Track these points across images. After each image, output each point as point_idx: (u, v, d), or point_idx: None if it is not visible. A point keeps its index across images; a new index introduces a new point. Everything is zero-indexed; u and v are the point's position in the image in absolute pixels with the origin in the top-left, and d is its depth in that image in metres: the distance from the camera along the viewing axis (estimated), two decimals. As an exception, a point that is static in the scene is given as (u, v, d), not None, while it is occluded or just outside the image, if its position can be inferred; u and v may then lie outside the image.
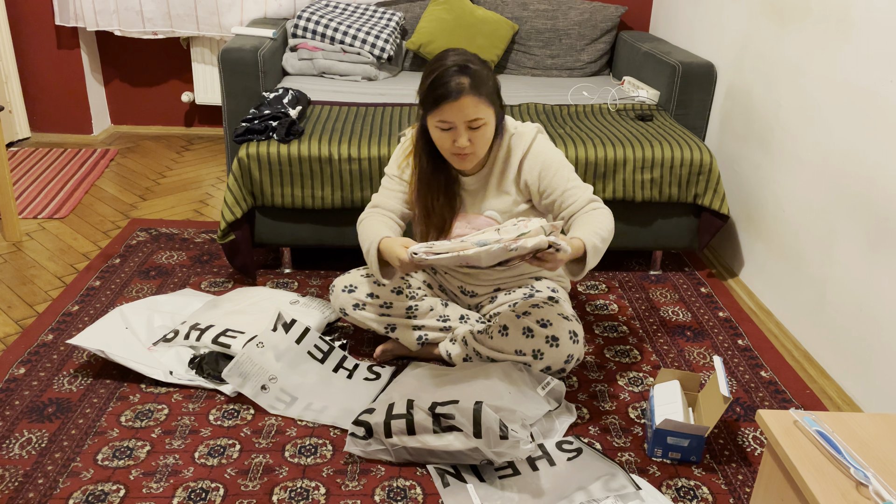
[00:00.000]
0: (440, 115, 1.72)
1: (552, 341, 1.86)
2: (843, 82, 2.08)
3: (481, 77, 1.72)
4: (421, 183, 1.89)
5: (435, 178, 1.88)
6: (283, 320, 2.01)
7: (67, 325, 2.24)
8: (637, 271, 2.74)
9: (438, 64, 1.73)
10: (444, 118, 1.72)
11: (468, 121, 1.72)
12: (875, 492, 1.13)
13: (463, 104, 1.69)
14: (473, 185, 1.93)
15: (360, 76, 3.29)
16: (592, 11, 3.54)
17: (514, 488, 1.64)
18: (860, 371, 1.98)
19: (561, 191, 1.84)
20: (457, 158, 1.80)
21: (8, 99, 3.74)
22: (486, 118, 1.74)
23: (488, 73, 1.75)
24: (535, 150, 1.88)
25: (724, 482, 1.72)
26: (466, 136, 1.74)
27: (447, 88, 1.68)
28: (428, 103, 1.73)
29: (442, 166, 1.88)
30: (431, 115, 1.74)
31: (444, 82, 1.69)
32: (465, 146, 1.75)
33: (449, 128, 1.74)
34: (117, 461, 1.71)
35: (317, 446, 1.78)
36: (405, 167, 1.94)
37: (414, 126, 1.93)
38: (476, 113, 1.71)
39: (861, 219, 1.99)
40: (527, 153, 1.88)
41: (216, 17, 3.64)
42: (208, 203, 3.25)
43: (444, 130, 1.75)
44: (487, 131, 1.77)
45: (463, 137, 1.74)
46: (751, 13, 2.64)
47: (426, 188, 1.89)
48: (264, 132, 2.43)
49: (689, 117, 2.97)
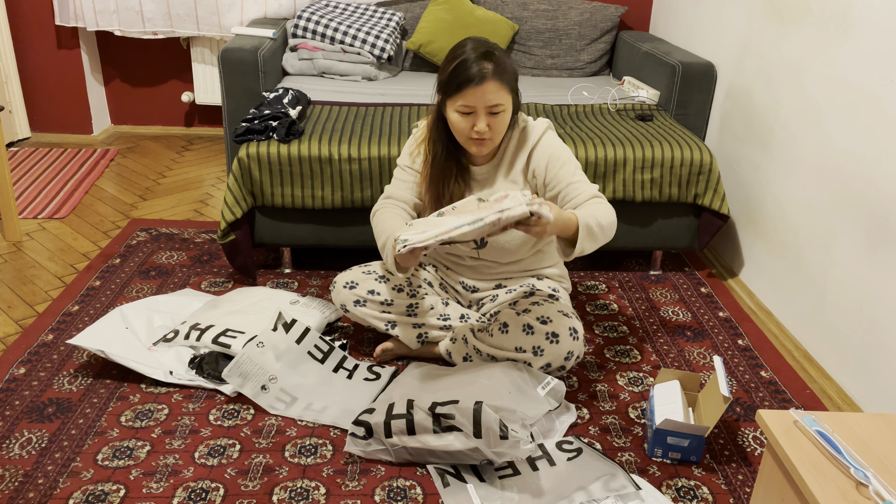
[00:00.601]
0: (462, 100, 1.77)
1: (552, 338, 1.86)
2: (843, 82, 2.08)
3: (504, 64, 1.78)
4: (434, 170, 1.93)
5: (448, 165, 1.92)
6: (283, 320, 2.02)
7: (67, 325, 2.24)
8: (637, 271, 2.74)
9: (461, 50, 1.79)
10: (467, 102, 1.77)
11: (489, 106, 1.77)
12: (875, 492, 1.13)
13: (486, 89, 1.75)
14: (483, 174, 1.96)
15: (360, 76, 3.29)
16: (592, 11, 3.54)
17: (514, 488, 1.64)
18: (860, 371, 1.98)
19: (566, 184, 1.86)
20: (474, 144, 1.83)
21: (8, 99, 3.74)
22: (505, 105, 1.79)
23: (509, 62, 1.81)
24: (546, 141, 1.92)
25: (724, 482, 1.72)
26: (486, 121, 1.78)
27: (471, 73, 1.74)
28: (450, 88, 1.78)
29: (455, 154, 1.93)
30: (452, 99, 1.79)
31: (467, 67, 1.75)
32: (484, 131, 1.79)
33: (469, 112, 1.79)
34: (117, 461, 1.71)
35: (317, 446, 1.78)
36: (416, 156, 1.98)
37: (427, 117, 1.97)
38: (497, 98, 1.77)
39: (861, 219, 1.99)
40: (537, 144, 1.92)
41: (216, 17, 3.64)
42: (208, 203, 3.25)
43: (463, 115, 1.80)
44: (505, 118, 1.82)
45: (482, 122, 1.78)
46: (751, 13, 2.65)
47: (439, 175, 1.93)
48: (264, 132, 2.43)
49: (689, 117, 2.97)
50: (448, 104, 1.81)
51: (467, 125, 1.80)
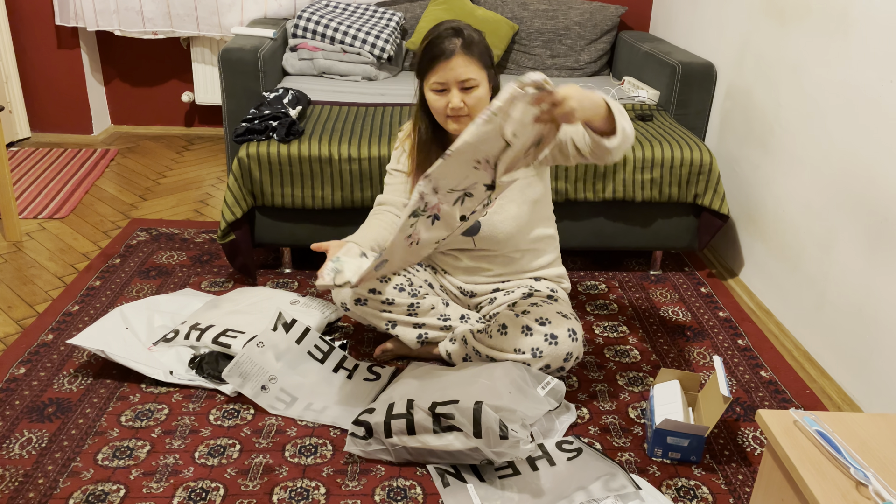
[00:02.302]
0: (434, 76, 1.81)
1: (551, 339, 1.86)
2: (843, 82, 2.08)
3: (472, 39, 1.81)
4: (420, 153, 1.95)
5: (433, 148, 1.94)
6: (283, 320, 2.02)
7: (67, 325, 2.24)
8: (637, 271, 2.74)
9: (433, 30, 1.84)
10: (438, 79, 1.80)
11: (460, 80, 1.79)
12: (875, 492, 1.13)
13: (454, 63, 1.78)
14: None
15: (360, 76, 3.29)
16: (592, 11, 3.54)
17: (514, 488, 1.64)
18: (860, 371, 1.98)
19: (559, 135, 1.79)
20: (451, 121, 1.85)
21: (8, 99, 3.74)
22: (477, 79, 1.81)
23: (480, 38, 1.84)
24: None
25: (724, 482, 1.72)
26: (459, 96, 1.81)
27: (440, 49, 1.79)
28: (423, 66, 1.83)
29: (439, 136, 1.94)
30: (426, 78, 1.83)
31: (437, 44, 1.80)
32: (459, 107, 1.81)
33: (442, 89, 1.82)
34: (117, 461, 1.71)
35: (317, 446, 1.78)
36: (400, 154, 2.02)
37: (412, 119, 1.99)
38: (467, 73, 1.79)
39: (861, 219, 1.99)
40: None
41: (216, 17, 3.64)
42: (208, 203, 3.25)
43: (438, 93, 1.83)
44: (479, 94, 1.83)
45: (455, 97, 1.81)
46: (751, 13, 2.65)
47: (425, 156, 1.95)
48: (264, 132, 2.43)
49: (689, 117, 2.97)
50: (424, 85, 1.85)
51: (442, 103, 1.83)
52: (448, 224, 1.74)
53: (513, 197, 1.95)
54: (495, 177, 1.64)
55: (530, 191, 1.96)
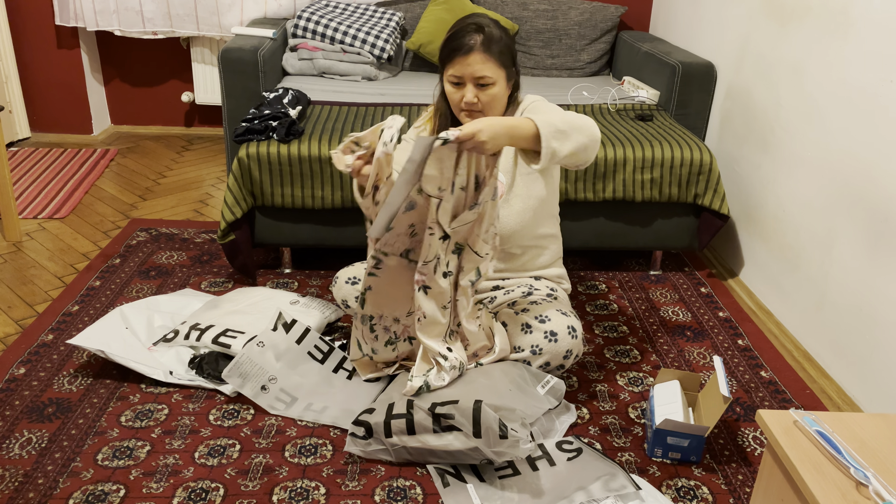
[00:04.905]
0: (452, 69, 1.82)
1: (550, 336, 1.86)
2: (843, 82, 2.08)
3: (493, 38, 1.80)
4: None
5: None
6: (283, 320, 2.02)
7: (67, 325, 2.24)
8: (637, 271, 2.74)
9: (460, 23, 1.84)
10: (455, 72, 1.81)
11: (475, 77, 1.80)
12: (875, 492, 1.13)
13: (472, 59, 1.78)
14: None
15: (360, 76, 3.29)
16: (592, 11, 3.54)
17: (514, 488, 1.64)
18: (860, 371, 1.98)
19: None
20: (465, 115, 1.86)
21: (8, 99, 3.74)
22: (494, 78, 1.81)
23: (503, 37, 1.83)
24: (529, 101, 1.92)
25: (724, 482, 1.72)
26: (473, 92, 1.81)
27: (459, 43, 1.79)
28: (444, 56, 1.84)
29: (456, 123, 1.94)
30: (446, 69, 1.84)
31: (458, 38, 1.80)
32: (473, 102, 1.82)
33: (459, 82, 1.82)
34: (117, 461, 1.71)
35: (317, 446, 1.78)
36: (422, 131, 2.03)
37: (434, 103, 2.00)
38: (484, 70, 1.79)
39: (861, 218, 1.99)
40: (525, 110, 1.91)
41: (216, 17, 3.64)
42: (208, 203, 3.25)
43: (454, 85, 1.84)
44: (495, 92, 1.83)
45: (470, 93, 1.82)
46: (750, 13, 2.65)
47: None
48: (264, 132, 2.43)
49: (689, 117, 2.97)
50: (444, 74, 1.86)
51: (458, 96, 1.84)
52: (437, 290, 1.78)
53: (518, 192, 1.95)
54: (445, 229, 1.69)
55: (536, 187, 1.96)
